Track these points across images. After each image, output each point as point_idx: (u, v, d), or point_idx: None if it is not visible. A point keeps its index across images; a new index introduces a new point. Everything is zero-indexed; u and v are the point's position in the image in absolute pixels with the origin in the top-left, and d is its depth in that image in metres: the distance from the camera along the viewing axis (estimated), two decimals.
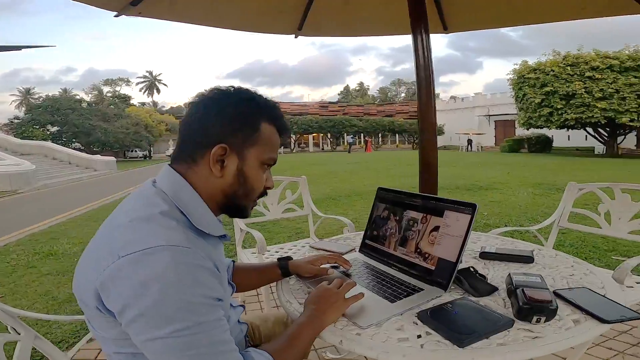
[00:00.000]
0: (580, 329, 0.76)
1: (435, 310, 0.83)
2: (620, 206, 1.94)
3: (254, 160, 0.73)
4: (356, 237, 1.59)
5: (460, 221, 0.99)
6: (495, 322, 0.77)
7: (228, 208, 0.75)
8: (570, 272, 1.11)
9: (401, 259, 1.11)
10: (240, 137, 0.70)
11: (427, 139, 1.53)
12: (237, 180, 0.72)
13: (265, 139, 0.73)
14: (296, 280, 1.08)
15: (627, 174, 10.61)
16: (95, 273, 0.56)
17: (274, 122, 0.75)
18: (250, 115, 0.72)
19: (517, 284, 0.90)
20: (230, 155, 0.70)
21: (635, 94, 17.30)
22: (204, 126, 0.69)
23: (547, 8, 1.93)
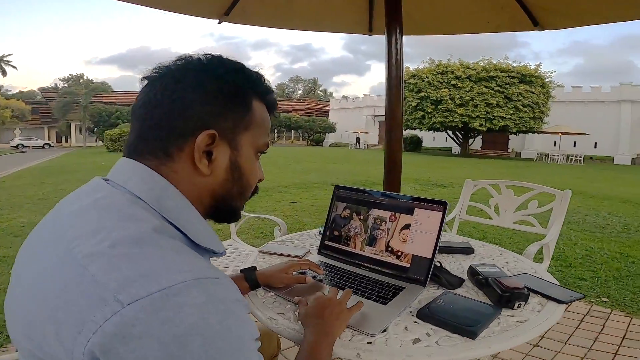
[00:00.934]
0: (549, 311, 0.85)
1: (432, 307, 0.83)
2: (506, 200, 2.30)
3: (248, 148, 0.57)
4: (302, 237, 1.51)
5: (432, 218, 1.02)
6: (487, 311, 0.81)
7: (217, 213, 0.58)
8: (504, 260, 1.25)
9: (371, 258, 1.09)
10: (231, 120, 0.53)
11: (394, 138, 1.55)
12: (230, 176, 0.55)
13: (259, 120, 0.58)
14: (266, 292, 0.96)
15: (477, 170, 12.95)
16: (75, 328, 0.36)
17: (264, 97, 0.59)
18: (242, 90, 0.55)
19: (485, 274, 0.97)
20: (220, 145, 0.53)
21: (485, 102, 21.00)
22: (179, 107, 0.50)
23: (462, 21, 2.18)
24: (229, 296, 0.41)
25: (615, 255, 3.25)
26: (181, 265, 0.40)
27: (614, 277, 2.73)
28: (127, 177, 0.51)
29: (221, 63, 0.55)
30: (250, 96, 0.56)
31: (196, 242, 0.50)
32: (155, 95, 0.51)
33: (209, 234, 0.53)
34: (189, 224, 0.50)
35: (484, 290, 0.94)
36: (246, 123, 0.56)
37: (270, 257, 1.26)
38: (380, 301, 0.89)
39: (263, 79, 0.59)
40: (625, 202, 6.27)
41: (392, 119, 1.60)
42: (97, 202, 0.47)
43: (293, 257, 1.25)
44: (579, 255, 3.25)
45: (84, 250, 0.41)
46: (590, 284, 2.62)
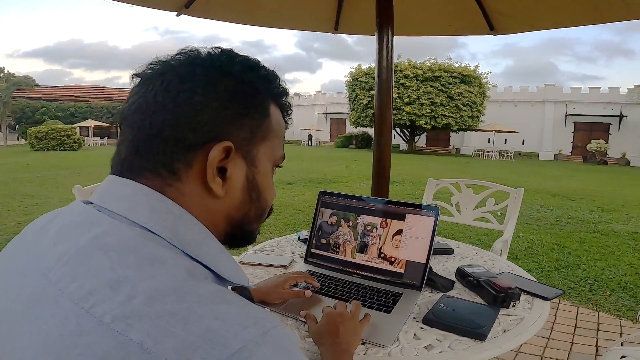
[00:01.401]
0: (538, 307, 0.91)
1: (436, 312, 0.84)
2: (465, 198, 2.42)
3: (266, 162, 0.48)
4: (281, 244, 1.46)
5: (424, 223, 1.03)
6: (488, 312, 0.84)
7: (232, 239, 0.50)
8: (481, 259, 1.32)
9: (363, 265, 1.08)
10: (248, 128, 0.45)
11: (384, 141, 1.53)
12: (247, 197, 0.47)
13: (276, 128, 0.49)
14: (261, 307, 0.90)
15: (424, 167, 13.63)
16: None
17: (279, 101, 0.50)
18: (260, 92, 0.47)
19: (476, 276, 1.00)
20: (235, 159, 0.44)
21: (430, 101, 22.11)
22: (187, 113, 0.41)
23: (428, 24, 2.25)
24: (292, 342, 0.36)
25: (553, 246, 3.60)
26: (242, 318, 0.33)
27: (555, 268, 3.02)
28: (129, 205, 0.40)
29: (235, 59, 0.47)
30: (268, 99, 0.49)
31: (226, 279, 0.43)
32: (155, 97, 0.42)
33: (235, 267, 0.46)
34: (214, 259, 0.42)
35: (477, 291, 0.97)
36: (263, 132, 0.47)
37: (253, 268, 1.20)
38: (383, 310, 0.88)
39: (279, 78, 0.51)
40: (554, 196, 6.99)
41: (382, 122, 1.58)
42: (99, 240, 0.37)
43: (278, 267, 1.20)
44: (523, 248, 3.56)
45: (111, 311, 0.31)
46: (537, 275, 2.87)
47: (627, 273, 2.86)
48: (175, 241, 0.40)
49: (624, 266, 3.01)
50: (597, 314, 2.25)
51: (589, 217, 5.06)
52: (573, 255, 3.33)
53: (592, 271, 2.91)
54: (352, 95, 25.05)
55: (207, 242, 0.43)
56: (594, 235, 4.05)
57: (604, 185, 9.68)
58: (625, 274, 2.85)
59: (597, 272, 2.88)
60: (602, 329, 2.09)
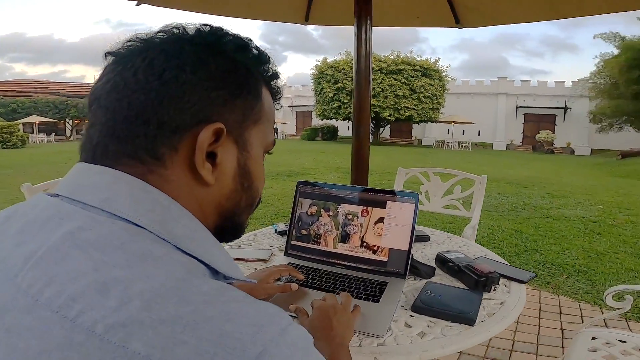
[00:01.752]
0: (516, 291, 0.94)
1: (423, 299, 0.84)
2: (434, 186, 2.49)
3: (258, 148, 0.45)
4: (257, 237, 1.42)
5: (405, 210, 1.03)
6: (473, 297, 0.85)
7: (222, 232, 0.45)
8: (455, 244, 1.35)
9: (346, 255, 1.06)
10: (240, 111, 0.41)
11: (363, 131, 1.50)
12: (238, 185, 0.43)
13: (268, 112, 0.46)
14: None
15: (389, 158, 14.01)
16: None
17: (270, 84, 0.47)
18: (251, 75, 0.43)
19: (456, 262, 1.02)
20: (226, 144, 0.40)
21: (394, 93, 22.70)
22: (174, 91, 0.37)
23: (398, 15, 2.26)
24: (308, 339, 0.33)
25: (511, 232, 3.82)
26: (256, 317, 0.30)
27: (515, 253, 3.20)
28: (107, 195, 0.35)
29: (226, 37, 0.43)
30: (260, 82, 0.44)
31: (223, 273, 0.39)
32: (136, 75, 0.37)
33: (230, 260, 0.41)
34: (209, 253, 0.38)
35: (458, 276, 0.99)
36: (256, 115, 0.43)
37: None
38: (371, 299, 0.87)
39: (271, 60, 0.47)
40: (509, 184, 7.42)
41: (360, 112, 1.56)
42: (74, 236, 0.32)
43: (258, 261, 1.15)
44: (485, 234, 3.74)
45: (103, 320, 0.27)
46: None
47: (580, 256, 3.08)
48: (166, 235, 0.35)
49: (577, 250, 3.24)
50: (557, 297, 2.38)
51: (541, 203, 5.42)
52: (530, 240, 3.55)
53: (549, 255, 3.11)
54: (317, 88, 25.18)
55: (200, 235, 0.39)
56: (547, 220, 4.35)
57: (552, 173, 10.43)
58: (579, 257, 3.07)
59: (554, 256, 3.08)
60: (564, 312, 2.21)
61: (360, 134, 1.60)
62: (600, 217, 4.49)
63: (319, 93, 25.11)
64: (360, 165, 1.59)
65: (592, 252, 3.19)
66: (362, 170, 1.61)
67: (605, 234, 3.75)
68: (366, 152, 1.60)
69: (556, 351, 1.80)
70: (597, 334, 1.15)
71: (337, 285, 0.95)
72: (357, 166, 1.60)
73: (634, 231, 3.86)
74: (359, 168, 1.60)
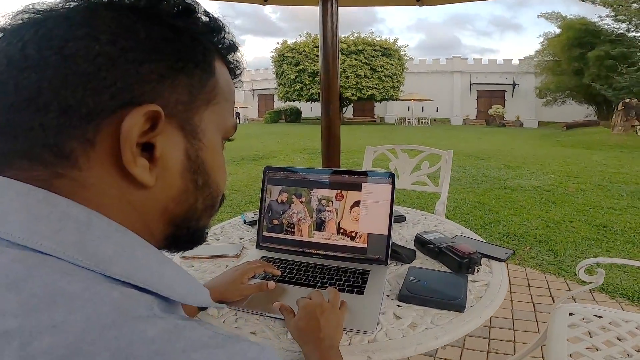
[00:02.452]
0: (498, 270, 0.91)
1: (409, 287, 0.79)
2: (403, 163, 2.48)
3: (214, 134, 0.35)
4: (225, 230, 1.31)
5: (382, 192, 0.97)
6: (458, 280, 0.81)
7: (176, 242, 0.36)
8: (431, 223, 1.32)
9: (323, 244, 0.99)
10: (185, 89, 0.32)
11: (332, 110, 1.39)
12: (190, 184, 0.34)
13: (225, 90, 0.36)
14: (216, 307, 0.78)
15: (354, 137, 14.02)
16: None
17: (227, 56, 0.38)
18: (200, 44, 0.34)
19: (436, 243, 0.98)
20: (168, 131, 0.31)
21: (355, 73, 22.89)
22: (82, 69, 0.27)
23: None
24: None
25: (475, 204, 3.95)
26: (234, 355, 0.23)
27: (480, 225, 3.31)
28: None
29: (163, 0, 0.32)
30: (212, 54, 0.35)
31: (177, 300, 0.30)
32: (24, 50, 0.27)
33: (187, 280, 0.32)
34: (155, 276, 0.28)
35: (440, 259, 0.95)
36: (208, 94, 0.34)
37: (200, 262, 1.04)
38: (355, 291, 0.81)
39: (227, 29, 0.37)
40: (468, 157, 7.70)
41: (329, 90, 1.46)
42: None
43: (229, 257, 1.05)
44: (451, 207, 3.84)
45: None
46: None
47: (540, 226, 3.23)
48: (86, 260, 0.25)
49: (535, 220, 3.41)
50: (524, 270, 2.44)
51: (498, 174, 5.68)
52: (492, 212, 3.69)
53: (511, 226, 3.25)
54: (279, 71, 24.96)
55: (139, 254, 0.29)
56: (506, 191, 4.55)
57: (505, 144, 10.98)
58: (538, 227, 3.22)
59: (516, 227, 3.22)
60: (532, 284, 2.27)
61: (330, 113, 1.51)
62: (552, 186, 4.77)
63: (280, 76, 24.89)
64: (332, 145, 1.51)
65: (549, 221, 3.36)
66: (334, 150, 1.53)
67: (559, 203, 3.99)
68: (337, 130, 1.52)
69: (531, 325, 1.86)
70: (574, 309, 1.17)
71: (317, 277, 0.88)
72: (329, 146, 1.52)
73: (585, 199, 4.12)
74: (330, 148, 1.52)
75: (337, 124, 1.52)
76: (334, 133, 1.50)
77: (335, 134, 1.50)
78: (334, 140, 1.51)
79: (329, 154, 1.55)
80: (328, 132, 1.50)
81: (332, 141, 1.51)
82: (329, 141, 1.51)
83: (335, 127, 1.50)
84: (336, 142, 1.51)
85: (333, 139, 1.51)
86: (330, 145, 1.52)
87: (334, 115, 1.52)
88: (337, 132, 1.51)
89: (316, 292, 0.70)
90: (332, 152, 1.53)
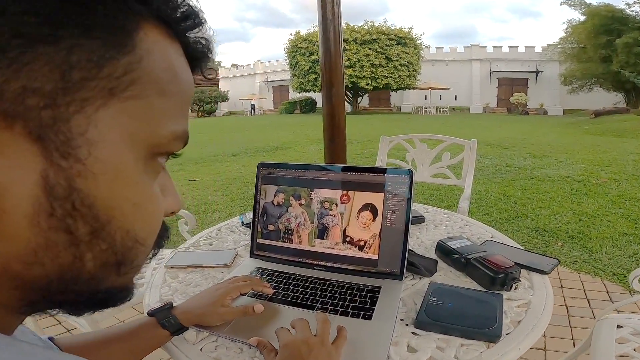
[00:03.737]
0: (539, 285, 0.74)
1: (429, 310, 0.63)
2: (421, 154, 2.28)
3: (123, 149, 0.21)
4: (221, 233, 1.18)
5: (397, 192, 0.80)
6: (491, 300, 0.65)
7: (66, 304, 0.23)
8: (455, 224, 1.14)
9: (326, 255, 0.84)
10: (52, 69, 0.18)
11: (336, 95, 1.22)
12: (55, 233, 0.19)
13: (157, 76, 0.22)
14: (198, 332, 0.65)
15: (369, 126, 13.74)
16: None
17: (177, 28, 0.24)
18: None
19: (463, 252, 0.81)
20: (9, 146, 0.18)
21: (370, 63, 22.59)
22: None
23: None
24: None
25: (499, 196, 3.70)
26: None
27: (506, 219, 3.07)
28: None
29: None
30: (134, 16, 0.21)
31: None
32: None
33: None
34: None
35: (468, 272, 0.78)
36: (111, 81, 0.20)
37: (185, 272, 0.91)
38: (361, 315, 0.65)
39: None
40: (490, 145, 7.34)
41: (331, 72, 1.27)
42: None
43: (218, 267, 0.92)
44: (473, 199, 3.60)
45: None
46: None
47: (572, 220, 2.97)
48: None
49: (567, 213, 3.13)
50: (556, 269, 2.25)
51: (523, 164, 5.36)
52: (519, 204, 3.44)
53: (540, 220, 2.99)
54: (292, 62, 24.92)
55: None
56: (532, 181, 4.26)
57: (530, 133, 10.47)
58: (570, 221, 2.95)
59: (545, 222, 2.96)
60: (565, 285, 2.06)
61: (333, 103, 1.31)
62: (583, 176, 4.44)
63: (294, 67, 24.88)
64: (337, 139, 1.32)
65: (582, 214, 3.09)
66: (339, 144, 1.34)
67: (592, 194, 3.69)
68: (342, 120, 1.32)
69: (565, 332, 1.66)
70: (622, 321, 0.99)
71: (318, 295, 0.73)
72: (333, 137, 1.33)
73: (619, 190, 3.80)
74: (334, 142, 1.33)
75: (341, 111, 1.32)
76: (338, 124, 1.30)
77: (340, 125, 1.30)
78: (338, 131, 1.31)
79: (332, 147, 1.35)
80: (331, 122, 1.31)
81: (336, 132, 1.31)
82: (333, 132, 1.32)
83: (339, 114, 1.30)
84: (341, 134, 1.31)
85: (337, 129, 1.31)
86: (334, 137, 1.32)
87: (338, 101, 1.32)
88: (342, 122, 1.31)
89: (301, 323, 0.55)
90: (337, 145, 1.33)
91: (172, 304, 0.66)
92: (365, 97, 28.25)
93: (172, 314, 0.62)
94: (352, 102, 26.12)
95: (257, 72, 35.54)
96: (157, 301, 0.80)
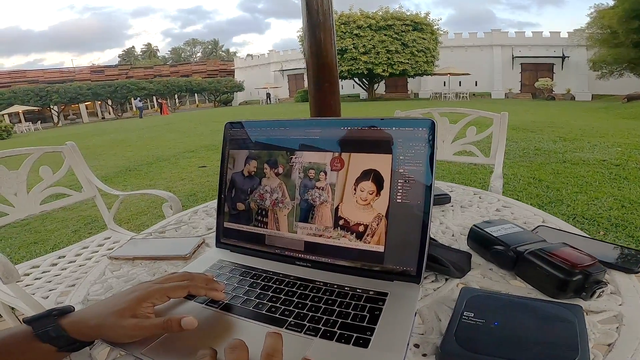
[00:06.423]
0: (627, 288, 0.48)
1: (460, 332, 0.38)
2: (442, 129, 1.99)
3: None
4: (196, 216, 0.96)
5: (412, 154, 0.55)
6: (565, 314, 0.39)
7: None
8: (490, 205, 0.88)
9: (311, 244, 0.59)
10: None
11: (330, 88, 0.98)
12: None
13: None
14: (110, 348, 0.43)
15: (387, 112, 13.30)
16: None
17: None
18: None
19: (511, 242, 0.55)
20: None
21: (385, 49, 21.92)
22: None
23: None
24: None
25: (529, 180, 3.34)
26: None
27: (539, 205, 2.73)
28: None
29: None
30: None
31: None
32: None
33: None
34: None
35: (518, 270, 0.52)
36: None
37: (131, 266, 0.69)
38: (354, 339, 0.41)
39: None
40: (515, 129, 6.87)
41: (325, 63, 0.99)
42: None
43: (174, 259, 0.69)
44: None
45: None
46: None
47: (613, 207, 2.61)
48: None
49: (607, 198, 2.78)
50: None
51: (554, 147, 4.93)
52: (552, 188, 3.09)
53: (577, 206, 2.65)
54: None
55: None
56: (565, 165, 3.87)
57: (558, 117, 9.84)
58: (612, 207, 2.60)
59: (583, 208, 2.62)
60: None
61: (327, 88, 1.00)
62: (621, 160, 4.01)
63: None
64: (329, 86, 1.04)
65: (624, 200, 2.73)
66: (331, 92, 1.06)
67: (633, 179, 3.29)
68: (337, 106, 1.03)
69: None
70: None
71: (292, 305, 0.49)
72: (322, 87, 1.05)
73: None
74: (323, 89, 1.06)
75: (335, 100, 1.04)
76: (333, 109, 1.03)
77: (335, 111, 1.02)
78: (331, 87, 1.01)
79: (319, 96, 1.04)
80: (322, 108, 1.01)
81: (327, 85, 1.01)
82: (321, 86, 1.02)
83: (335, 103, 1.02)
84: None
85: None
86: (323, 86, 1.03)
87: (331, 91, 1.03)
88: (337, 108, 1.03)
89: (237, 348, 0.34)
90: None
91: (70, 309, 0.44)
92: (382, 85, 27.65)
93: (55, 323, 0.40)
94: (368, 89, 25.59)
95: (272, 61, 35.45)
96: (78, 302, 0.58)
